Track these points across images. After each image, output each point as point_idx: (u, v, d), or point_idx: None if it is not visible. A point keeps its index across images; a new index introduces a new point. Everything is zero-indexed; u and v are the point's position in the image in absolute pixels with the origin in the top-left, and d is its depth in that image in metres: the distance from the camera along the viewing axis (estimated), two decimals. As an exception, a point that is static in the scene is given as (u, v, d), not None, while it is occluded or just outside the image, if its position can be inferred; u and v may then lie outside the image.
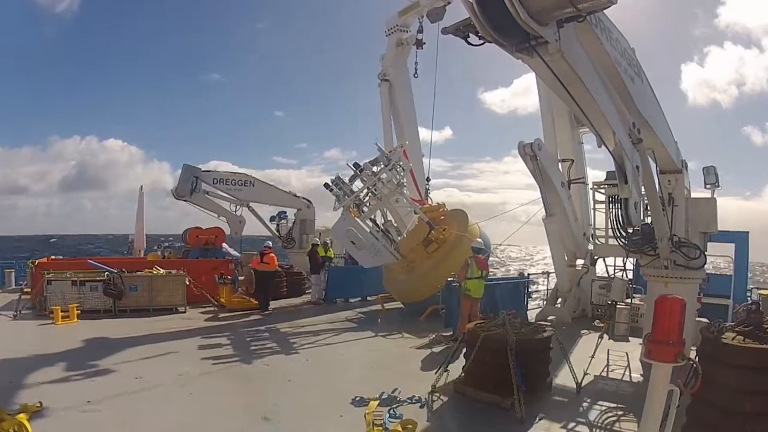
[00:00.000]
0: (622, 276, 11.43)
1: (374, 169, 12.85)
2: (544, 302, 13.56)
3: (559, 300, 12.72)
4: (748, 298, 11.47)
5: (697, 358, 4.32)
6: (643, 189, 6.60)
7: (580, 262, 12.79)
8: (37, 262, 14.01)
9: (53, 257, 16.20)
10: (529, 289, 13.78)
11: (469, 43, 4.69)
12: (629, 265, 10.76)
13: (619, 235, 8.15)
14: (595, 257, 12.51)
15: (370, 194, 13.18)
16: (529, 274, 15.12)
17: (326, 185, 13.30)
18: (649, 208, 7.39)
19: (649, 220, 7.73)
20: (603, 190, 10.94)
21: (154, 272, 12.93)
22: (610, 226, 9.12)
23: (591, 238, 12.49)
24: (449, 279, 10.98)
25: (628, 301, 10.88)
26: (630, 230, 7.93)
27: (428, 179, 17.25)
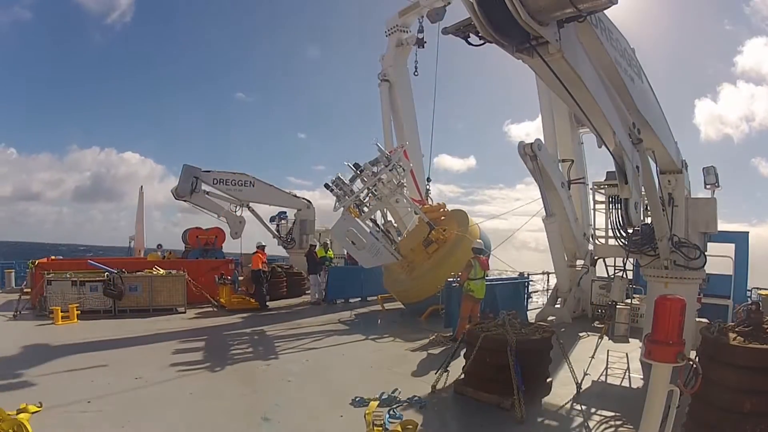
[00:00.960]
0: (622, 276, 11.44)
1: (374, 169, 12.87)
2: (545, 302, 13.57)
3: (559, 300, 12.73)
4: (748, 298, 11.46)
5: (697, 358, 4.31)
6: (643, 189, 6.60)
7: (580, 262, 12.80)
8: (37, 262, 14.00)
9: (53, 257, 16.20)
10: (529, 289, 13.80)
11: (470, 43, 4.70)
12: (629, 266, 10.76)
13: (619, 235, 8.16)
14: (595, 257, 12.51)
15: (370, 194, 13.18)
16: (529, 274, 15.12)
17: (326, 185, 13.30)
18: (649, 208, 7.39)
19: (649, 220, 7.73)
20: (603, 191, 10.93)
21: (154, 272, 12.93)
22: (610, 227, 9.12)
23: (591, 239, 12.49)
24: (449, 279, 10.99)
25: (628, 301, 10.88)
26: (630, 230, 7.93)
27: (429, 179, 17.28)
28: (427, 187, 16.99)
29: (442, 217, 13.94)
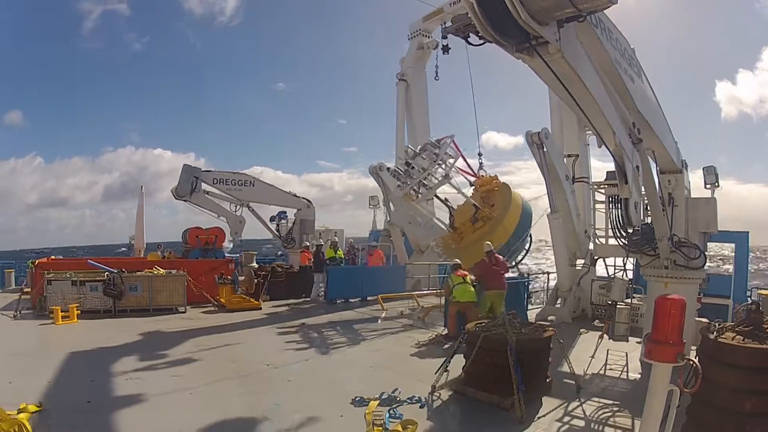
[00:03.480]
0: (622, 276, 11.43)
1: (424, 164, 15.23)
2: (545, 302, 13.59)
3: (559, 300, 12.73)
4: (748, 298, 11.46)
5: (697, 358, 4.31)
6: (643, 189, 6.60)
7: (580, 262, 12.81)
8: (37, 262, 14.00)
9: (53, 257, 16.20)
10: (529, 289, 13.83)
11: (470, 43, 4.71)
12: (629, 265, 10.75)
13: (619, 235, 8.15)
14: (595, 257, 12.52)
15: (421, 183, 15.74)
16: (528, 274, 15.20)
17: (387, 169, 15.68)
18: (649, 208, 7.39)
19: (649, 220, 7.72)
20: (603, 190, 10.94)
21: (154, 272, 12.92)
22: (610, 226, 9.12)
23: (591, 237, 12.51)
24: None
25: (628, 301, 10.86)
26: (630, 230, 7.93)
27: (480, 154, 18.42)
28: (480, 161, 18.21)
29: (495, 188, 16.29)
